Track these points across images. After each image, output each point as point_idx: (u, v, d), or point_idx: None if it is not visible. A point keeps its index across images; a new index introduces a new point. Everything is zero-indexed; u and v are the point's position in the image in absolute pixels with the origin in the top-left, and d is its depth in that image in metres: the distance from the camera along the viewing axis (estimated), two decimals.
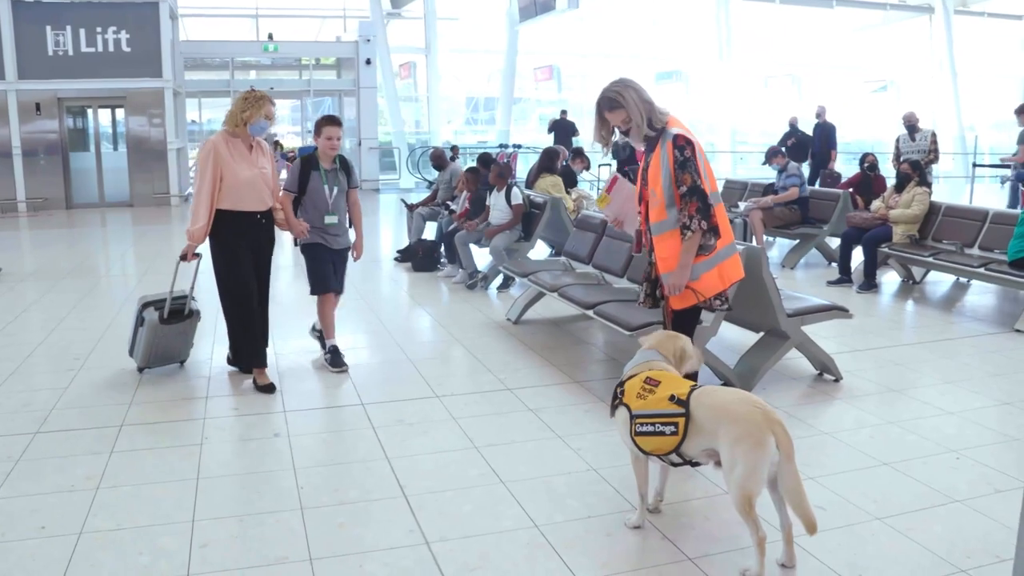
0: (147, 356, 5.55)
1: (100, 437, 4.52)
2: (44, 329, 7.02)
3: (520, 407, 4.95)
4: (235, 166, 5.08)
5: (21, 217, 16.85)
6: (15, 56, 17.00)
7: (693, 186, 3.85)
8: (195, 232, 5.09)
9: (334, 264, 5.77)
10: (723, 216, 3.99)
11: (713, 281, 3.99)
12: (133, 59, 17.70)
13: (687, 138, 3.90)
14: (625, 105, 3.94)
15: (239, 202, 5.12)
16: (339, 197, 5.70)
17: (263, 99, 5.11)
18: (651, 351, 3.49)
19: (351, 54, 22.60)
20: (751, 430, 2.96)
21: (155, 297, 5.60)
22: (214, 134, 5.21)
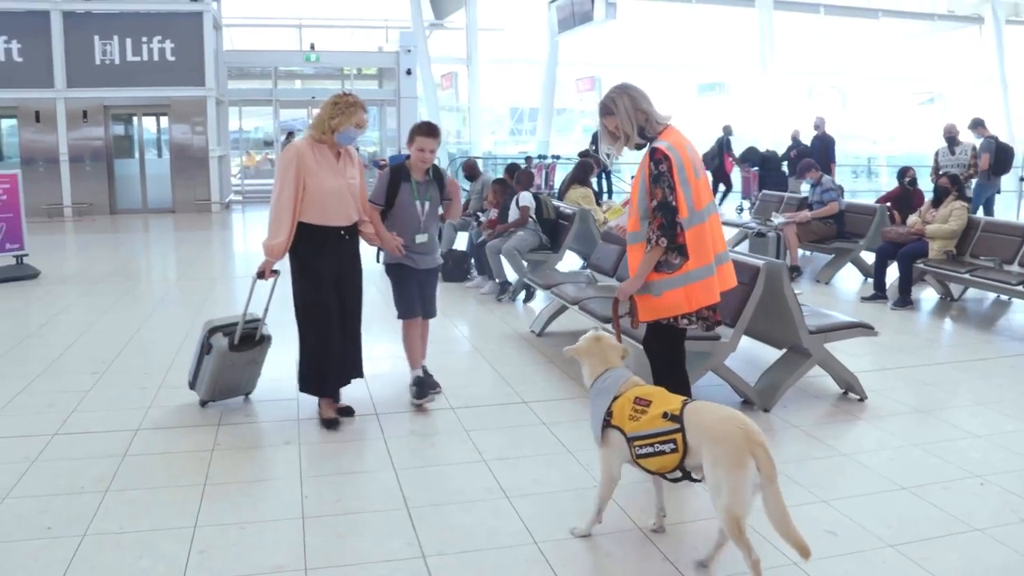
0: (212, 388, 4.97)
1: (114, 440, 4.56)
2: (75, 332, 7.13)
3: (534, 420, 4.90)
4: (321, 175, 4.58)
5: (67, 222, 17.21)
6: (64, 65, 17.41)
7: (662, 201, 3.70)
8: (274, 247, 4.59)
9: (421, 286, 5.19)
10: (700, 237, 3.75)
11: (677, 300, 3.81)
12: (177, 68, 18.03)
13: (665, 152, 3.77)
14: (616, 112, 3.87)
15: (323, 215, 4.62)
16: (431, 213, 5.10)
17: (355, 106, 4.59)
18: (621, 368, 3.48)
19: (392, 64, 22.79)
20: (730, 450, 2.92)
21: (224, 321, 5.01)
22: (297, 139, 4.78)
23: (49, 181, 17.63)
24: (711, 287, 3.84)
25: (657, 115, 3.89)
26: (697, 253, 3.78)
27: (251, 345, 5.00)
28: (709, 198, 3.91)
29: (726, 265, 3.97)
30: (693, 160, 3.86)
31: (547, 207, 8.91)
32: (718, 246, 3.91)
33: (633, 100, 3.85)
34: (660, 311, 3.84)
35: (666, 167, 3.74)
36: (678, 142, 3.84)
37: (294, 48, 24.03)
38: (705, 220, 3.82)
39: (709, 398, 5.19)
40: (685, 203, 3.74)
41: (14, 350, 6.70)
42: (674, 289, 3.79)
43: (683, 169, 3.78)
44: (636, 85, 3.92)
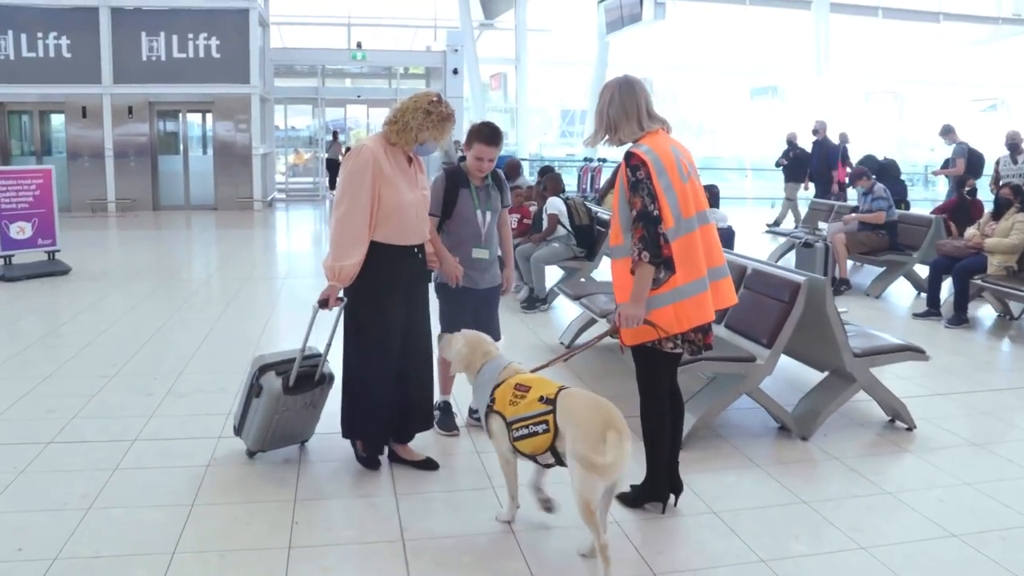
0: (263, 436, 4.16)
1: (109, 452, 4.35)
2: (94, 331, 6.99)
3: None
4: (398, 186, 3.87)
5: (110, 217, 17.32)
6: (111, 61, 17.53)
7: (641, 211, 3.34)
8: (343, 270, 3.81)
9: (478, 308, 4.56)
10: (689, 248, 3.38)
11: (666, 320, 3.40)
12: (222, 65, 18.04)
13: (641, 157, 3.37)
14: (599, 101, 3.53)
15: (400, 233, 3.91)
16: (492, 223, 4.55)
17: (448, 120, 3.89)
18: (499, 357, 3.61)
19: (439, 63, 22.59)
20: (588, 434, 3.06)
21: (277, 358, 4.20)
22: (368, 138, 4.02)
23: (94, 176, 17.78)
24: (704, 305, 3.45)
25: (644, 119, 3.51)
26: (686, 266, 3.40)
27: (310, 386, 4.18)
28: (701, 206, 3.51)
29: (723, 281, 3.59)
30: (680, 164, 3.47)
31: (579, 212, 8.56)
32: (713, 259, 3.53)
33: (611, 100, 3.51)
34: (646, 333, 3.46)
35: (644, 173, 3.37)
36: (658, 145, 3.44)
37: (342, 47, 23.98)
38: (695, 229, 3.44)
39: (742, 423, 4.89)
40: (670, 211, 3.37)
41: (30, 349, 6.58)
42: (662, 307, 3.41)
43: (664, 173, 3.40)
44: (635, 86, 3.54)
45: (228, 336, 6.82)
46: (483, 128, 4.36)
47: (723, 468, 4.24)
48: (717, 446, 4.52)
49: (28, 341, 6.86)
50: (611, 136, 3.52)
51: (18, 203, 9.53)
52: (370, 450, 4.19)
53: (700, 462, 4.27)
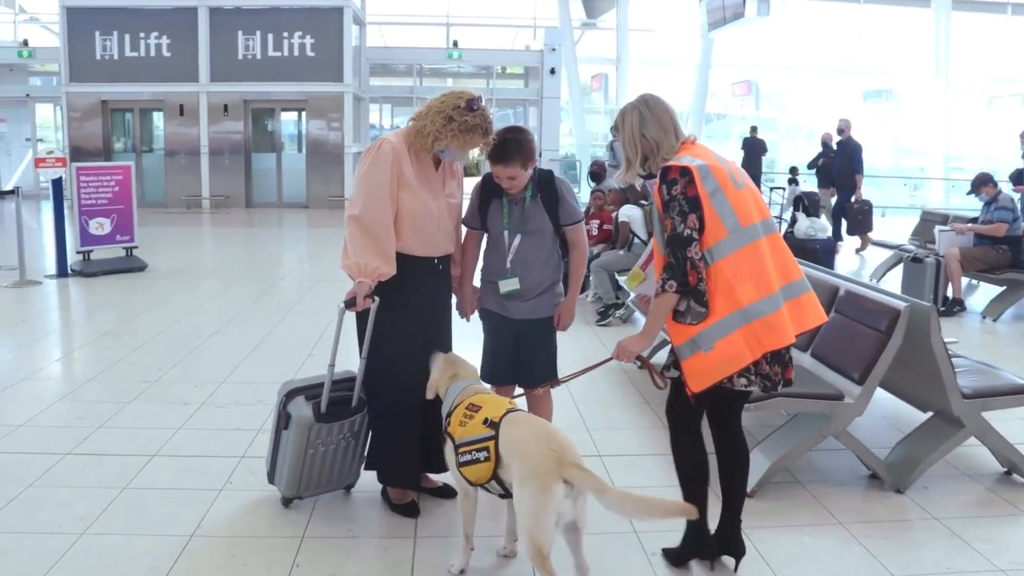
0: (297, 477, 3.54)
1: (124, 468, 4.05)
2: (151, 332, 6.82)
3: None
4: (419, 192, 3.42)
5: (204, 213, 17.57)
6: (208, 60, 17.78)
7: (671, 233, 2.86)
8: (367, 267, 3.33)
9: (519, 344, 3.75)
10: (753, 260, 2.86)
11: (736, 348, 2.84)
12: (316, 63, 18.09)
13: (679, 168, 2.88)
14: (621, 130, 3.09)
15: (419, 244, 3.47)
16: (530, 245, 3.64)
17: (474, 131, 3.35)
18: (470, 379, 3.33)
19: (536, 63, 22.18)
20: (538, 472, 2.73)
21: (308, 382, 3.64)
22: (391, 133, 3.54)
23: (189, 173, 18.10)
24: (779, 326, 2.87)
25: (680, 130, 3.05)
26: (751, 280, 2.85)
27: (347, 413, 3.59)
28: (762, 214, 2.99)
29: (804, 297, 2.99)
30: (729, 170, 2.99)
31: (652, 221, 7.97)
32: (788, 273, 2.97)
33: (642, 120, 3.04)
34: (719, 369, 2.89)
35: (681, 187, 2.86)
36: (699, 153, 2.97)
37: (440, 46, 23.84)
38: (760, 237, 2.91)
39: (825, 466, 4.23)
40: (721, 221, 2.85)
41: (84, 349, 6.45)
42: (728, 334, 2.85)
43: (711, 178, 2.89)
44: (660, 100, 3.07)
45: (281, 343, 6.52)
46: (497, 145, 3.50)
47: (798, 524, 3.62)
48: (793, 495, 3.90)
49: (84, 340, 6.75)
50: (652, 159, 3.04)
51: (97, 199, 9.56)
52: (402, 495, 3.69)
53: (771, 515, 3.66)
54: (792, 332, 2.91)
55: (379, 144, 3.45)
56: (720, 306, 2.85)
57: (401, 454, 3.61)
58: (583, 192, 21.76)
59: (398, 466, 3.65)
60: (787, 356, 2.99)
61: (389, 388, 3.55)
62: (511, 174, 3.51)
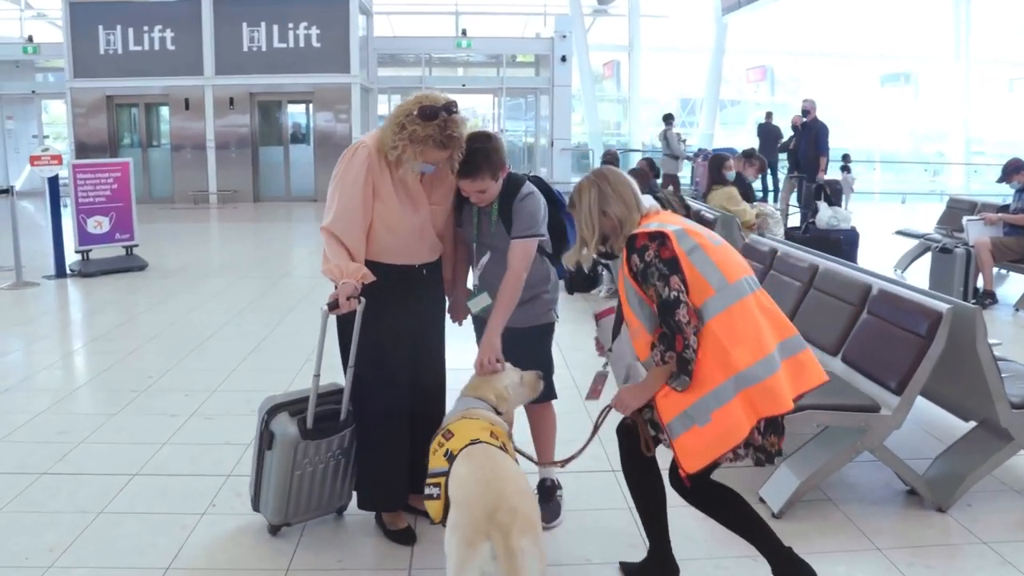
0: (284, 501, 3.23)
1: (102, 489, 3.77)
2: (145, 336, 6.55)
3: (618, 502, 3.68)
4: (394, 206, 3.13)
5: (212, 208, 17.32)
6: (213, 52, 17.50)
7: (659, 301, 2.56)
8: (349, 268, 3.06)
9: (506, 349, 3.25)
10: (744, 319, 2.57)
11: (735, 419, 2.51)
12: (322, 55, 17.78)
13: (648, 234, 2.62)
14: (577, 207, 2.80)
15: (398, 254, 3.22)
16: (499, 261, 3.25)
17: (423, 145, 2.98)
18: (470, 398, 2.96)
19: (547, 51, 21.80)
20: (465, 523, 2.40)
21: (290, 396, 3.36)
22: (367, 135, 3.20)
23: (196, 168, 17.84)
24: (776, 391, 2.54)
25: (635, 217, 2.75)
26: (745, 342, 2.54)
27: (335, 429, 3.28)
28: (746, 270, 2.69)
29: (802, 355, 2.67)
30: (703, 230, 2.73)
31: (671, 208, 7.61)
32: (785, 328, 2.68)
33: (602, 196, 2.75)
34: (717, 444, 2.55)
35: (654, 251, 2.58)
36: (669, 219, 2.74)
37: (450, 35, 23.47)
38: (747, 295, 2.61)
39: (859, 481, 3.89)
40: (705, 279, 2.57)
41: (75, 355, 6.20)
42: (725, 403, 2.53)
43: (688, 237, 2.61)
44: (619, 173, 2.84)
45: (280, 346, 6.24)
46: (464, 159, 3.10)
47: (831, 551, 3.28)
48: (824, 515, 3.57)
49: (77, 345, 6.51)
50: (614, 238, 2.76)
51: (95, 197, 9.29)
52: (396, 520, 3.38)
53: (800, 539, 3.29)
54: (790, 396, 2.58)
55: (354, 149, 3.16)
56: (713, 372, 2.53)
57: (385, 473, 3.32)
58: None
59: (382, 486, 3.36)
60: (781, 423, 2.65)
61: (373, 402, 3.26)
62: (479, 187, 3.16)
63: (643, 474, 2.88)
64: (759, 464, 2.68)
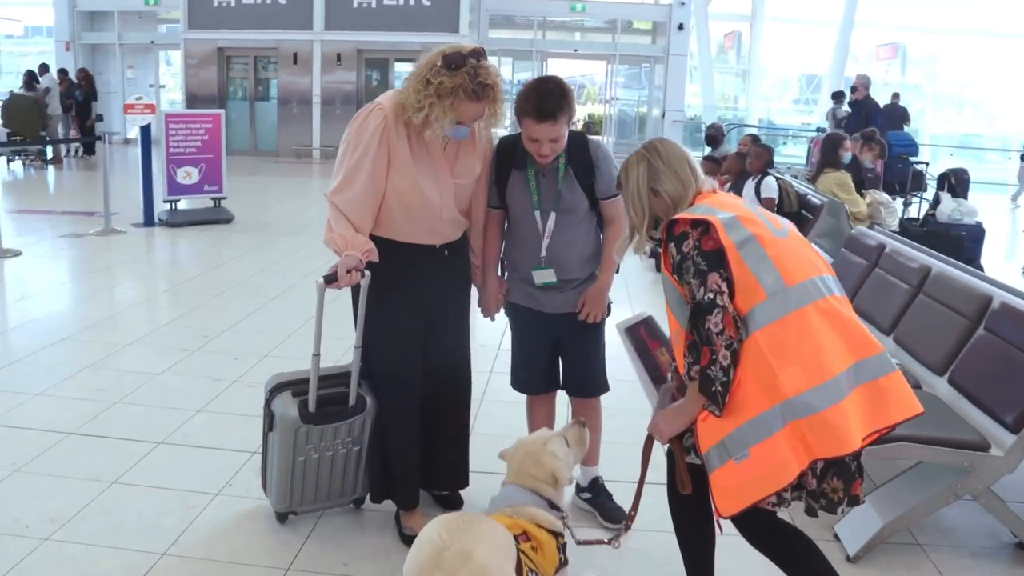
0: (286, 488, 2.99)
1: (122, 456, 3.58)
2: (211, 292, 6.44)
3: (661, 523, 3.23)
4: (414, 174, 2.77)
5: (314, 163, 17.38)
6: (324, 8, 17.44)
7: (692, 303, 2.10)
8: (356, 240, 2.73)
9: (557, 341, 3.12)
10: (802, 334, 2.05)
11: (780, 458, 2.02)
12: (432, 13, 17.46)
13: (690, 220, 2.14)
14: (624, 187, 2.35)
15: (414, 232, 2.86)
16: (566, 226, 2.96)
17: (452, 99, 2.63)
18: (513, 487, 2.40)
19: (665, 18, 20.94)
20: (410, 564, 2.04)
21: (297, 375, 3.04)
22: (387, 95, 2.81)
23: (301, 123, 17.91)
24: (837, 427, 2.03)
25: (699, 175, 2.30)
26: (798, 362, 2.03)
27: (343, 415, 2.97)
28: (817, 270, 2.16)
29: (884, 379, 2.12)
30: (763, 216, 2.22)
31: (790, 197, 7.01)
32: (864, 346, 2.12)
33: (652, 172, 2.28)
34: (757, 486, 2.06)
35: (693, 241, 2.11)
36: (722, 203, 2.23)
37: None
38: (810, 302, 2.08)
39: (954, 525, 3.31)
40: (757, 279, 2.07)
41: (138, 307, 6.13)
42: (768, 437, 2.03)
43: (739, 226, 2.10)
44: (673, 145, 2.34)
45: (341, 312, 5.94)
46: (530, 94, 2.75)
47: None
48: (910, 563, 3.03)
49: (141, 297, 6.45)
50: (648, 229, 2.32)
51: (186, 147, 9.26)
52: (413, 520, 3.03)
53: None
54: (857, 435, 2.05)
55: (369, 110, 2.79)
56: (755, 397, 2.05)
57: (397, 465, 3.03)
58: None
59: (393, 481, 3.07)
60: (853, 465, 2.13)
61: (385, 391, 2.97)
62: (556, 134, 2.77)
63: (691, 511, 2.42)
64: (812, 514, 2.18)
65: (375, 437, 3.03)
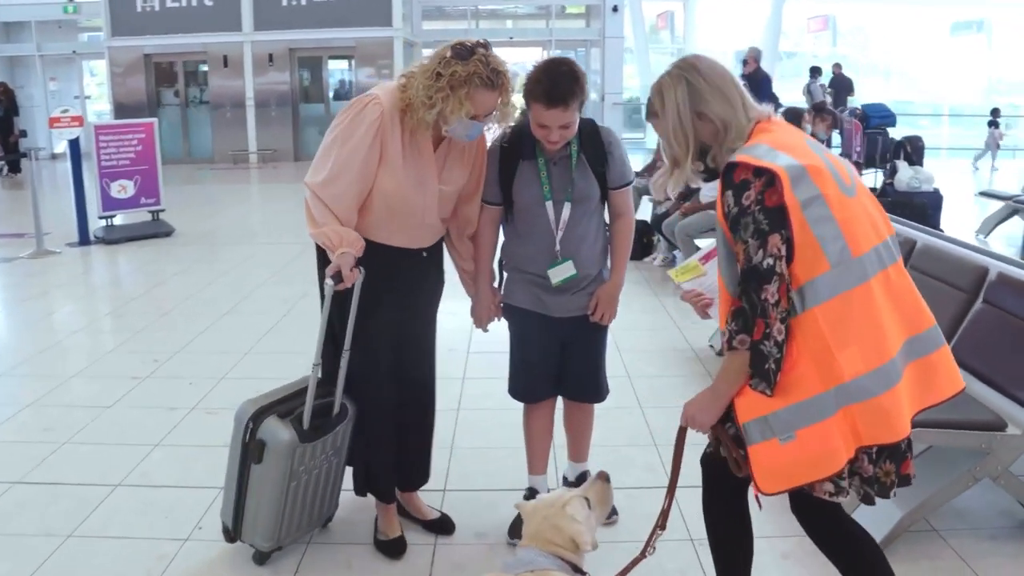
0: (277, 521, 2.76)
1: (77, 505, 3.27)
2: (157, 311, 6.09)
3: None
4: (405, 177, 2.63)
5: (251, 169, 16.90)
6: (252, 8, 16.94)
7: (745, 267, 1.86)
8: (349, 236, 2.59)
9: (564, 345, 2.92)
10: (864, 311, 1.85)
11: (830, 444, 1.84)
12: (364, 8, 17.09)
13: (753, 166, 1.86)
14: (661, 115, 2.03)
15: (393, 235, 2.72)
16: (581, 216, 2.78)
17: (468, 87, 2.49)
18: (530, 548, 2.16)
19: (598, 1, 20.84)
20: None
21: (273, 397, 2.80)
22: (381, 87, 2.67)
23: (235, 127, 17.41)
24: (890, 413, 1.86)
25: (742, 121, 1.98)
26: (857, 342, 1.83)
27: (330, 425, 2.80)
28: (879, 236, 1.94)
29: (935, 355, 1.97)
30: (833, 167, 1.92)
31: None
32: (918, 320, 1.96)
33: (693, 92, 1.98)
34: (802, 470, 1.88)
35: (755, 193, 1.84)
36: (783, 141, 1.93)
37: None
38: (870, 278, 1.87)
39: (970, 508, 3.16)
40: (821, 246, 1.83)
41: (79, 334, 5.75)
42: (819, 421, 1.85)
43: (806, 180, 1.84)
44: (712, 62, 2.03)
45: (299, 323, 5.67)
46: (541, 78, 2.54)
47: None
48: (929, 552, 2.90)
49: (84, 322, 6.07)
50: (718, 149, 2.01)
51: (119, 160, 8.82)
52: (390, 524, 2.95)
53: None
54: (908, 418, 1.90)
55: (364, 103, 2.61)
56: (808, 377, 1.85)
57: (379, 460, 2.94)
58: (650, 139, 20.58)
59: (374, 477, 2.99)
60: (904, 444, 1.94)
61: (364, 389, 2.85)
62: (567, 120, 2.57)
63: (730, 522, 2.21)
64: (869, 501, 2.01)
65: (355, 437, 2.92)
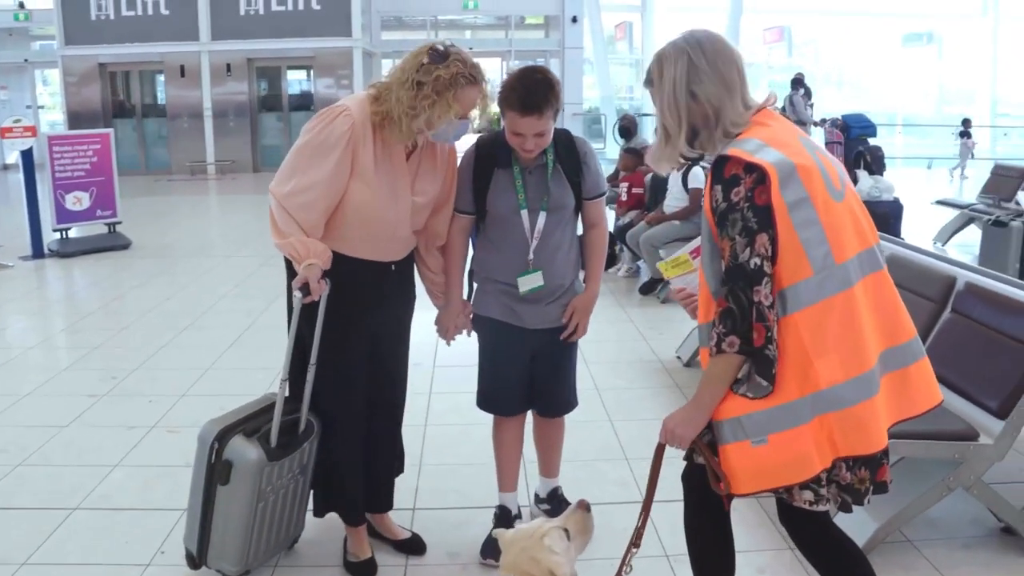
0: (246, 543, 2.67)
1: (31, 532, 3.14)
2: (115, 326, 5.94)
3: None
4: (373, 188, 2.57)
5: (210, 179, 16.69)
6: (209, 16, 16.74)
7: (731, 266, 1.82)
8: (316, 248, 2.53)
9: (535, 358, 2.88)
10: (845, 318, 1.82)
11: (801, 449, 1.83)
12: (323, 18, 17.03)
13: (744, 161, 1.81)
14: (657, 86, 1.97)
15: (363, 247, 2.66)
16: (555, 226, 2.75)
17: (454, 90, 2.45)
18: None
19: (557, 12, 20.94)
20: None
21: (237, 416, 2.71)
22: (352, 97, 2.64)
23: (193, 138, 17.18)
24: (866, 423, 1.85)
25: (739, 109, 1.92)
26: (837, 350, 1.81)
27: (296, 442, 2.72)
28: (865, 241, 1.90)
29: (915, 367, 1.96)
30: (823, 167, 1.88)
31: None
32: (898, 330, 1.94)
33: (692, 70, 1.91)
34: (773, 474, 1.87)
35: (745, 190, 1.80)
36: (777, 137, 1.88)
37: None
38: (853, 284, 1.85)
39: (942, 516, 3.13)
40: (805, 251, 1.79)
41: (34, 350, 5.58)
42: (793, 427, 1.83)
43: (795, 181, 1.79)
44: (721, 40, 1.96)
45: (261, 338, 5.56)
46: (515, 85, 2.53)
47: None
48: (903, 561, 2.90)
49: (39, 338, 5.90)
50: (706, 134, 1.95)
51: (74, 171, 8.61)
52: (360, 546, 2.89)
53: None
54: (884, 430, 1.89)
55: (335, 113, 2.54)
56: (787, 383, 1.82)
57: (345, 481, 2.86)
58: (610, 149, 20.70)
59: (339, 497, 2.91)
60: (879, 454, 1.92)
61: (332, 406, 2.77)
62: (541, 128, 2.55)
63: (712, 539, 2.16)
64: (846, 509, 1.96)
65: (320, 454, 2.84)
